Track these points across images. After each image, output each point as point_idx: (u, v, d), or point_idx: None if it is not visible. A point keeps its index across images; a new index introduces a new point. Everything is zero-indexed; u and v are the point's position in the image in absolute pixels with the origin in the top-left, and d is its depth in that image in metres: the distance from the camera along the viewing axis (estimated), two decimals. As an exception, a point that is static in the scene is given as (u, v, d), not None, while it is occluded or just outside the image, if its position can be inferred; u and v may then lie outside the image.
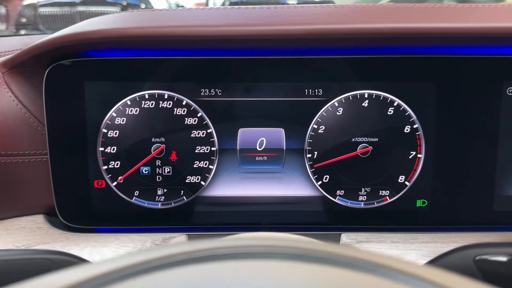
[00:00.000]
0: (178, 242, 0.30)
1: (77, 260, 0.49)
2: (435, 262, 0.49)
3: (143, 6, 4.60)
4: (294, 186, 0.77)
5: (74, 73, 0.72)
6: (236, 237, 0.34)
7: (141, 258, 0.29)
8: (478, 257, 0.44)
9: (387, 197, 0.77)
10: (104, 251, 0.72)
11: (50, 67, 0.71)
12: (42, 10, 3.91)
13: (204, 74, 0.73)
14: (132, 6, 4.51)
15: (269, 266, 0.29)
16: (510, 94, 0.74)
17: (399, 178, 0.76)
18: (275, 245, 0.31)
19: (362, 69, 0.74)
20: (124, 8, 4.30)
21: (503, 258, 0.43)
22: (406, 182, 0.76)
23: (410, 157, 0.75)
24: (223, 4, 4.41)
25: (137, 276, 0.27)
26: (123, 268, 0.28)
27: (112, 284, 0.26)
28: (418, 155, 0.75)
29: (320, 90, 0.74)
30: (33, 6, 3.97)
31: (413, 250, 0.71)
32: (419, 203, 0.76)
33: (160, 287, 0.26)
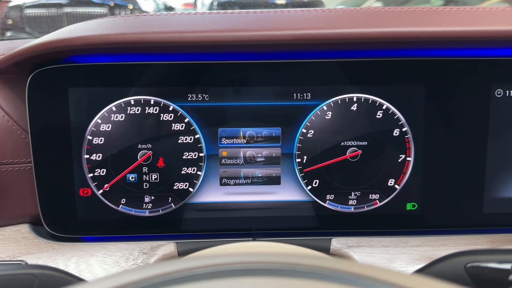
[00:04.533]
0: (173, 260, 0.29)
1: (61, 274, 0.48)
2: (425, 269, 0.48)
3: (130, 6, 4.56)
4: (284, 191, 0.76)
5: (57, 80, 0.70)
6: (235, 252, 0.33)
7: (133, 277, 0.28)
8: (469, 264, 0.44)
9: (377, 201, 0.76)
10: (91, 260, 0.70)
11: (33, 74, 0.70)
12: (29, 11, 3.86)
13: (191, 78, 0.72)
14: (119, 6, 4.46)
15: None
16: (499, 96, 0.74)
17: (388, 181, 0.76)
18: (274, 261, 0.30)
19: (350, 73, 0.73)
20: (111, 9, 4.26)
21: (495, 265, 0.43)
22: (396, 186, 0.76)
23: (399, 160, 0.75)
24: (211, 4, 4.38)
25: None
26: None
27: None
28: (408, 158, 0.75)
29: (309, 94, 0.74)
30: (19, 8, 3.92)
31: (403, 254, 0.71)
32: (409, 206, 0.76)
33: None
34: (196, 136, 0.74)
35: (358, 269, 0.30)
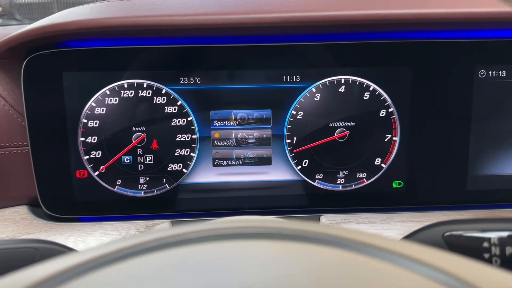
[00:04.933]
0: (160, 229, 0.32)
1: (62, 249, 0.50)
2: (406, 239, 0.51)
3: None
4: (275, 171, 0.79)
5: (52, 64, 0.72)
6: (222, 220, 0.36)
7: (123, 244, 0.31)
8: (447, 233, 0.47)
9: (364, 179, 0.79)
10: (88, 239, 0.72)
11: (27, 59, 0.71)
12: (19, -2, 3.82)
13: (183, 62, 0.74)
14: (111, -7, 4.40)
15: (261, 246, 0.31)
16: (482, 76, 0.77)
17: (375, 160, 0.78)
18: (263, 226, 0.32)
19: (338, 55, 0.75)
20: (103, -4, 4.19)
21: (470, 233, 0.46)
22: (382, 165, 0.78)
23: (385, 140, 0.78)
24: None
25: (121, 260, 0.29)
26: (108, 254, 0.29)
27: (96, 270, 0.28)
28: (394, 138, 0.77)
29: (298, 77, 0.76)
30: (9, -5, 3.87)
31: (389, 230, 0.74)
32: (395, 184, 0.79)
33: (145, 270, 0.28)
34: (189, 119, 0.76)
35: (344, 233, 0.32)
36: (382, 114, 0.77)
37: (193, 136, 0.77)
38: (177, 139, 0.76)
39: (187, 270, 0.27)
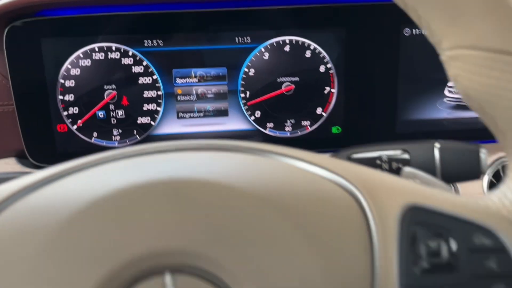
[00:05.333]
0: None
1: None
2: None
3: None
4: (231, 122, 0.91)
5: (31, 32, 0.82)
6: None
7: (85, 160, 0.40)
8: (351, 155, 0.60)
9: (308, 126, 0.92)
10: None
11: (8, 27, 0.81)
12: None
13: (147, 27, 0.85)
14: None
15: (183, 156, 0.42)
16: (407, 34, 0.89)
17: (317, 110, 0.91)
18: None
19: (283, 19, 0.86)
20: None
21: (365, 155, 0.59)
22: (323, 113, 0.91)
23: (325, 92, 0.90)
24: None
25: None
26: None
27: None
28: (332, 90, 0.90)
29: (249, 38, 0.87)
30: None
31: (328, 168, 0.87)
32: (334, 130, 0.92)
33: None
34: (154, 77, 0.87)
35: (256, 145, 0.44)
36: (322, 70, 0.89)
37: (159, 93, 0.88)
38: (144, 96, 0.88)
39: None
